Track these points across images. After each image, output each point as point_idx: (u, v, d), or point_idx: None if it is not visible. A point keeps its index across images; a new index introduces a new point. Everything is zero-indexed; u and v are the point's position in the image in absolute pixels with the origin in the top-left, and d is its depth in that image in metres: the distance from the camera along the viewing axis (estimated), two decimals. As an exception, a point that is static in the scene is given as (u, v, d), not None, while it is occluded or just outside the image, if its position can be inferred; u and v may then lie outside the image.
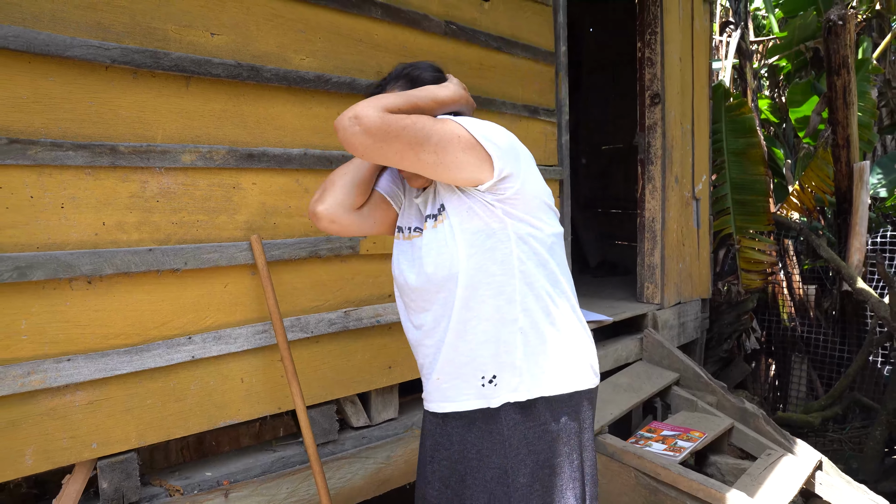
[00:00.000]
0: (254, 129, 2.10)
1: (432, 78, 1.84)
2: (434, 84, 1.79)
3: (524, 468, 1.74)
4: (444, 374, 1.77)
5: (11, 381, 1.67)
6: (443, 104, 1.74)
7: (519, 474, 1.73)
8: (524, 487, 1.73)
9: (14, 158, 1.65)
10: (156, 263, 1.89)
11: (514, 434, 1.73)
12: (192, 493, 2.03)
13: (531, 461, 1.74)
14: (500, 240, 1.69)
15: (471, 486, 1.75)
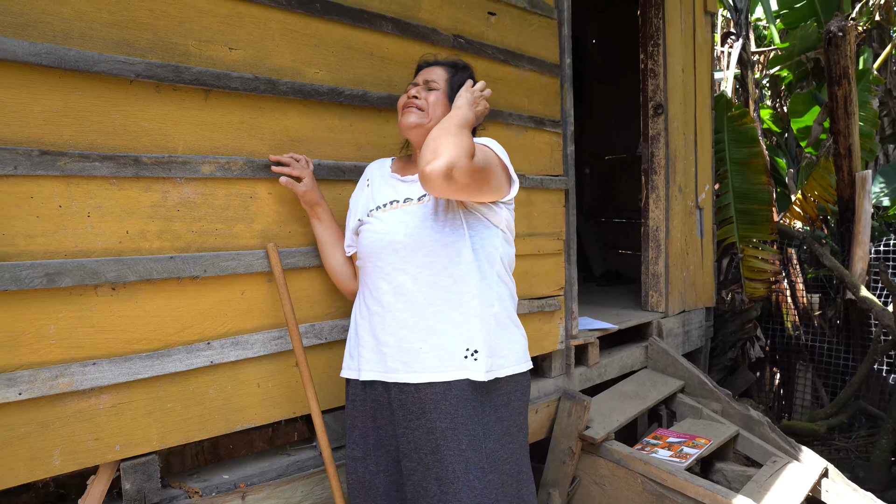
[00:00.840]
0: (270, 140, 2.17)
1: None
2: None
3: (493, 434, 1.99)
4: (428, 344, 1.96)
5: (41, 383, 1.73)
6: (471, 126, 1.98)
7: (489, 440, 1.97)
8: (494, 453, 1.96)
9: (45, 169, 1.71)
10: (176, 271, 1.95)
11: (486, 403, 1.99)
12: (211, 496, 2.08)
13: (499, 428, 2.01)
14: (493, 234, 2.04)
15: (446, 455, 1.92)
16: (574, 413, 3.15)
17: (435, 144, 1.76)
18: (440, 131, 1.81)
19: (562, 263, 3.30)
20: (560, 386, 3.34)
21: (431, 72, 2.16)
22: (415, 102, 2.10)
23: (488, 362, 1.95)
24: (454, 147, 1.74)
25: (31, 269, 1.70)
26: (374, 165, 2.29)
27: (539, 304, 3.12)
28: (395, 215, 2.05)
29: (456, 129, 1.82)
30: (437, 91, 2.12)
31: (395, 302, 2.00)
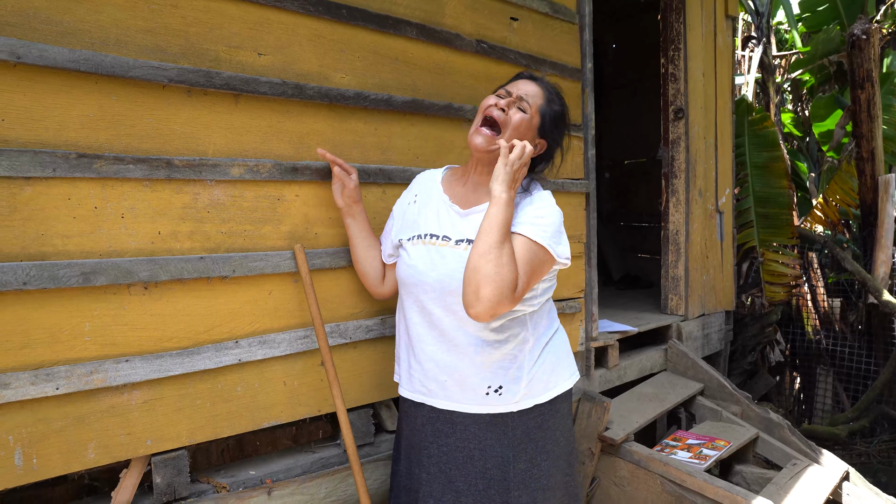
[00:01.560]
0: (297, 143, 2.22)
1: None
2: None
3: (524, 455, 2.04)
4: (453, 380, 2.03)
5: (77, 379, 1.78)
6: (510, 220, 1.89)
7: (519, 461, 2.03)
8: (522, 473, 2.01)
9: (81, 172, 1.77)
10: (206, 271, 2.00)
11: (517, 427, 2.03)
12: (238, 491, 2.13)
13: (531, 448, 2.04)
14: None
15: (469, 472, 2.02)
16: (594, 414, 3.17)
17: (476, 282, 1.76)
18: (480, 259, 1.77)
19: (582, 266, 3.32)
20: (580, 387, 3.36)
21: (529, 86, 2.05)
22: (496, 115, 1.97)
23: (516, 396, 2.02)
24: (496, 287, 1.74)
25: (69, 268, 1.76)
26: (424, 178, 2.24)
27: (560, 306, 3.14)
28: (434, 254, 2.01)
29: (496, 250, 1.77)
30: (525, 115, 1.99)
31: (425, 334, 2.06)
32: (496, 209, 1.84)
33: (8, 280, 1.67)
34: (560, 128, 2.12)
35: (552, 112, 2.06)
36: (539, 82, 2.08)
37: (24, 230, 1.72)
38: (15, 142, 1.69)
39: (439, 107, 2.59)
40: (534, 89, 2.04)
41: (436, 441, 2.07)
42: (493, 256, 1.77)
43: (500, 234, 1.80)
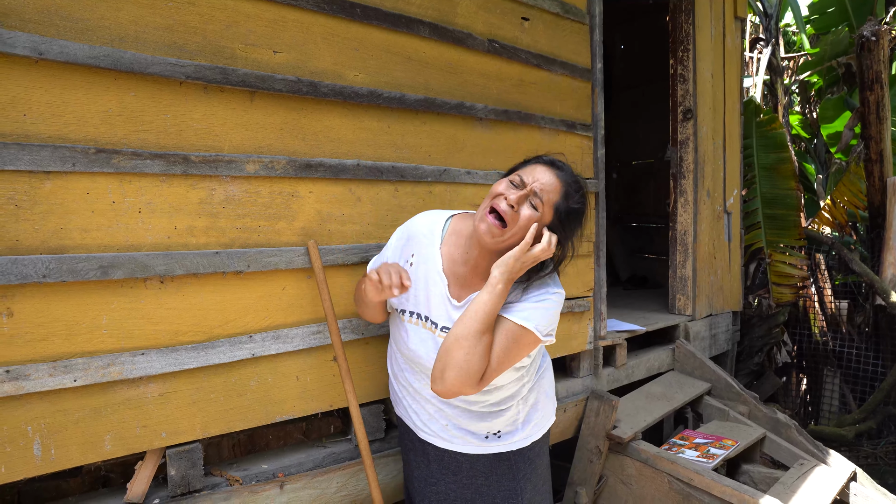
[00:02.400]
0: (311, 140, 2.24)
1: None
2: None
3: (530, 484, 2.17)
4: (452, 425, 2.11)
5: (94, 371, 1.81)
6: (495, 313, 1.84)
7: (526, 491, 2.16)
8: (529, 500, 2.14)
9: (100, 166, 1.79)
10: (221, 266, 2.03)
11: (520, 461, 2.14)
12: (251, 484, 2.15)
13: (535, 476, 2.18)
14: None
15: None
16: (602, 412, 3.18)
17: (444, 363, 1.78)
18: (454, 343, 1.77)
19: (591, 265, 3.34)
20: (588, 386, 3.38)
21: (544, 180, 1.83)
22: (503, 211, 1.81)
23: (515, 437, 2.13)
24: (460, 375, 1.76)
25: (87, 261, 1.78)
26: (421, 235, 2.04)
27: (568, 305, 3.16)
28: (431, 343, 2.00)
29: (474, 339, 1.76)
30: (535, 213, 1.82)
31: (422, 389, 2.11)
32: (487, 296, 1.80)
33: (28, 273, 1.69)
34: (574, 226, 1.93)
35: (568, 209, 1.87)
36: (558, 171, 1.88)
37: (45, 224, 1.74)
38: (36, 136, 1.72)
39: (451, 105, 2.61)
40: (551, 180, 1.84)
41: (444, 479, 2.16)
42: (467, 344, 1.77)
43: (483, 324, 1.78)
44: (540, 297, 1.90)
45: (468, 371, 1.76)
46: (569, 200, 1.86)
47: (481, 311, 1.79)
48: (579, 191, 1.90)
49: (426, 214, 2.09)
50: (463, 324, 1.79)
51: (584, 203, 1.92)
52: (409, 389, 2.14)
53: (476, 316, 1.78)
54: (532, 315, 1.86)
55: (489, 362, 1.81)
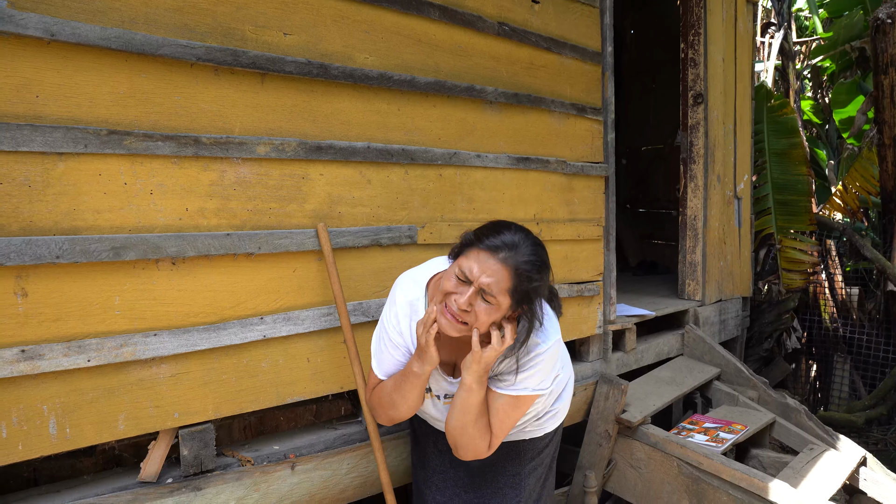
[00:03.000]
0: (322, 123, 2.24)
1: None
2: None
3: (535, 473, 2.23)
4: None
5: (107, 352, 1.82)
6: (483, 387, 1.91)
7: (530, 478, 2.21)
8: (532, 489, 2.20)
9: (112, 148, 1.80)
10: (232, 247, 2.04)
11: (528, 448, 2.20)
12: (262, 464, 2.17)
13: (540, 466, 2.24)
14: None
15: (485, 493, 2.18)
16: (611, 397, 3.19)
17: (454, 443, 1.95)
18: (454, 431, 1.92)
19: (601, 249, 3.34)
20: (597, 370, 3.38)
21: (490, 270, 1.70)
22: (460, 317, 1.75)
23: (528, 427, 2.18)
24: (471, 453, 1.94)
25: (99, 242, 1.80)
26: (404, 316, 1.97)
27: (578, 289, 3.16)
28: (430, 403, 2.10)
29: (471, 428, 1.89)
30: (490, 306, 1.73)
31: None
32: (467, 395, 1.86)
33: (42, 253, 1.71)
34: (540, 294, 1.82)
35: (527, 290, 1.76)
36: (503, 255, 1.72)
37: (58, 205, 1.75)
38: (48, 118, 1.72)
39: (461, 88, 2.60)
40: (496, 271, 1.70)
41: (453, 467, 2.22)
42: (468, 432, 1.90)
43: (474, 415, 1.88)
44: (530, 363, 1.89)
45: (476, 448, 1.93)
46: (522, 283, 1.74)
47: (468, 405, 1.88)
48: (535, 268, 1.76)
49: (405, 290, 2.00)
50: (454, 417, 1.91)
51: (543, 277, 1.79)
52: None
53: (465, 410, 1.88)
54: (527, 382, 1.91)
55: (493, 431, 1.94)
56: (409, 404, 1.95)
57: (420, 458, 2.32)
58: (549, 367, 1.93)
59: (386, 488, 2.20)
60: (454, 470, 2.22)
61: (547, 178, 3.00)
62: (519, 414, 1.97)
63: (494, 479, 2.18)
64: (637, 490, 3.19)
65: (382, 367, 2.03)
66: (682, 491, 3.04)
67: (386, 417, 2.03)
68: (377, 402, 2.04)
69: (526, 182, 2.89)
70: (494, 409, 1.92)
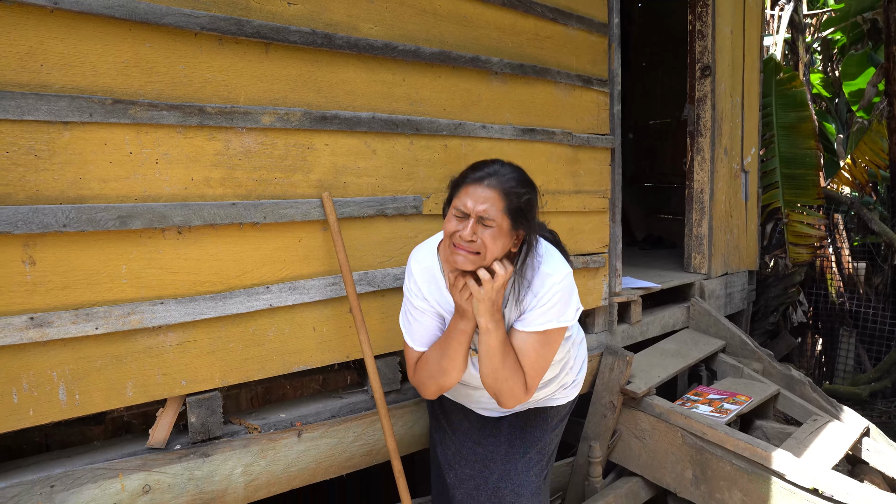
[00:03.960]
0: (326, 93, 2.24)
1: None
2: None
3: (556, 439, 2.31)
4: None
5: (115, 319, 1.84)
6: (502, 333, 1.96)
7: (552, 444, 2.29)
8: (552, 453, 2.27)
9: (117, 117, 1.81)
10: (238, 217, 2.05)
11: (553, 416, 2.29)
12: (269, 432, 2.20)
13: (560, 433, 2.33)
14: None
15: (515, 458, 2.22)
16: (616, 368, 3.20)
17: (495, 394, 1.98)
18: (488, 379, 1.96)
19: (606, 221, 3.33)
20: (603, 342, 3.40)
21: (481, 198, 1.84)
22: (468, 248, 1.84)
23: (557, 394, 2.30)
24: (510, 396, 1.96)
25: (106, 211, 1.81)
26: (425, 279, 2.06)
27: (584, 261, 3.16)
28: (475, 363, 2.11)
29: (500, 370, 1.93)
30: (492, 229, 1.84)
31: (471, 381, 2.19)
32: (487, 338, 1.92)
33: (49, 222, 1.72)
34: (532, 209, 1.94)
35: (518, 205, 1.88)
36: (491, 181, 1.86)
37: (64, 174, 1.76)
38: (53, 87, 1.73)
39: (466, 59, 2.59)
40: (488, 197, 1.84)
41: (483, 440, 2.27)
42: (500, 375, 1.94)
43: (499, 356, 1.93)
44: (547, 295, 1.96)
45: (513, 390, 1.96)
46: (513, 199, 1.86)
47: (491, 349, 1.93)
48: (520, 183, 1.90)
49: (419, 259, 2.09)
50: (484, 364, 1.95)
51: (530, 191, 1.92)
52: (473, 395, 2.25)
53: (490, 354, 1.93)
54: (548, 315, 1.96)
55: (527, 371, 1.97)
56: (458, 367, 2.01)
57: (445, 434, 2.34)
58: (566, 297, 1.99)
59: (393, 455, 2.22)
60: (485, 440, 2.26)
61: (552, 149, 2.99)
62: (549, 352, 1.99)
63: (523, 446, 2.22)
64: (641, 460, 3.22)
65: (416, 338, 2.09)
66: (686, 461, 3.06)
67: (435, 387, 2.05)
68: (426, 374, 2.05)
69: (531, 153, 2.89)
70: (525, 349, 1.96)
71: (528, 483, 2.19)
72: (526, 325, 1.97)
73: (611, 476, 3.33)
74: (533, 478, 2.21)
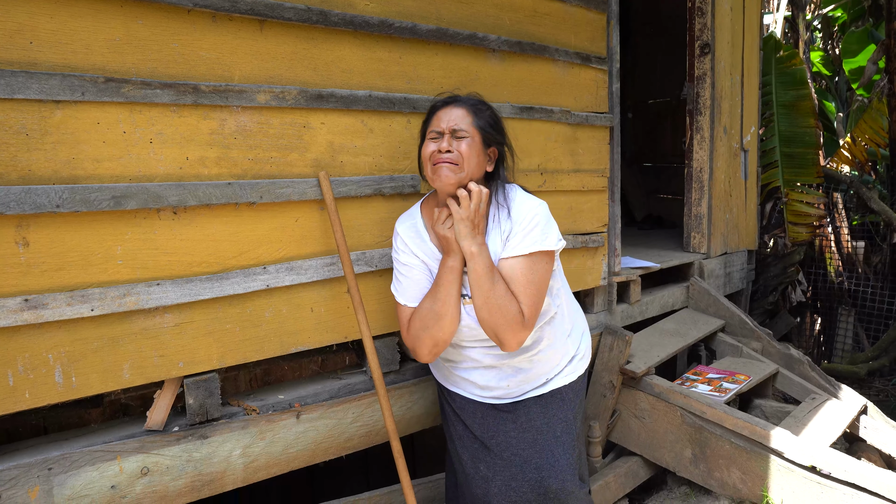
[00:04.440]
0: (322, 71, 2.21)
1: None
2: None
3: (580, 414, 2.30)
4: (512, 385, 2.22)
5: (111, 301, 1.83)
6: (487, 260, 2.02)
7: (577, 420, 2.27)
8: (579, 431, 2.25)
9: (109, 96, 1.78)
10: (234, 196, 2.02)
11: (569, 393, 2.27)
12: (268, 413, 2.19)
13: (580, 408, 2.30)
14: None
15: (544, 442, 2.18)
16: (616, 347, 3.19)
17: (492, 331, 1.99)
18: (482, 311, 1.97)
19: (605, 200, 3.31)
20: (602, 321, 3.39)
21: (451, 116, 2.06)
22: (447, 158, 2.01)
23: (566, 370, 2.28)
24: (507, 328, 1.96)
25: (100, 191, 1.78)
26: (411, 236, 2.18)
27: (583, 240, 3.15)
28: (470, 312, 2.10)
29: (491, 298, 1.95)
30: (468, 139, 2.04)
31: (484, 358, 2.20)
32: (473, 264, 1.98)
33: (42, 202, 1.70)
34: (499, 126, 2.14)
35: (486, 120, 2.09)
36: (458, 102, 2.10)
37: (56, 153, 1.74)
38: (44, 64, 1.70)
39: (464, 36, 2.56)
40: (458, 113, 2.06)
41: (503, 429, 2.23)
42: (491, 305, 1.96)
43: (488, 281, 1.97)
44: (525, 218, 2.05)
45: (509, 319, 1.96)
46: (480, 114, 2.08)
47: (479, 275, 1.97)
48: (481, 102, 2.14)
49: (402, 220, 2.24)
50: (475, 295, 1.98)
51: (490, 106, 2.15)
52: (473, 363, 2.22)
53: (478, 281, 1.97)
54: (530, 237, 2.03)
55: (520, 298, 1.99)
56: (452, 312, 2.04)
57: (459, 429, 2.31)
58: (545, 222, 2.07)
59: (392, 435, 2.21)
60: (503, 426, 2.23)
61: (551, 127, 2.96)
62: (539, 278, 2.03)
63: (549, 427, 2.19)
64: (641, 439, 3.22)
65: (407, 294, 2.15)
66: (686, 440, 3.06)
67: (430, 340, 2.08)
68: (420, 325, 2.08)
69: (529, 132, 2.86)
70: (515, 276, 2.01)
71: (568, 464, 2.14)
72: (510, 250, 2.03)
73: (610, 456, 3.34)
74: (568, 457, 2.16)
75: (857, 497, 2.63)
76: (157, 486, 1.99)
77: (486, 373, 2.20)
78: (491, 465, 2.20)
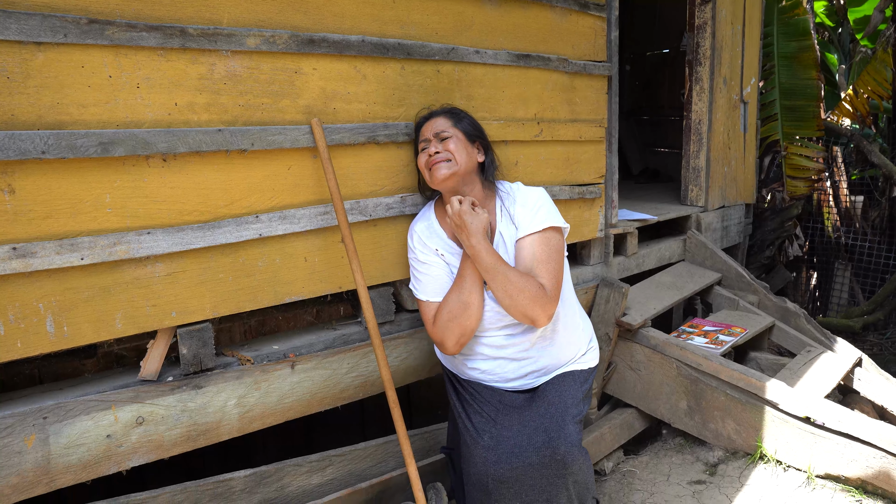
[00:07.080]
0: (314, 14, 2.14)
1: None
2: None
3: (586, 400, 2.34)
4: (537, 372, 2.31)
5: (100, 250, 1.80)
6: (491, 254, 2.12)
7: (585, 402, 2.32)
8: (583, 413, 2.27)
9: (93, 38, 1.72)
10: (224, 143, 1.98)
11: (581, 377, 2.35)
12: (262, 364, 2.18)
13: (588, 398, 2.36)
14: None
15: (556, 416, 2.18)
16: (612, 300, 3.19)
17: (521, 313, 2.09)
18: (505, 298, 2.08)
19: (603, 151, 3.27)
20: (598, 273, 3.37)
21: (434, 125, 2.26)
22: (438, 157, 2.20)
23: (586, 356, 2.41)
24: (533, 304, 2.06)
25: (86, 137, 1.74)
26: (427, 235, 2.30)
27: (580, 191, 3.11)
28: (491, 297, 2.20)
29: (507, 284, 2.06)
30: (452, 137, 2.23)
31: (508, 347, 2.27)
32: (480, 256, 2.09)
33: (27, 148, 1.65)
34: (478, 126, 2.35)
35: (465, 121, 2.30)
36: (437, 114, 2.30)
37: (39, 98, 1.69)
38: (23, 4, 1.64)
39: (459, -21, 2.49)
40: (440, 120, 2.27)
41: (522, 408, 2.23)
42: (511, 290, 2.06)
43: (502, 267, 2.08)
44: (530, 200, 2.25)
45: (534, 297, 2.06)
46: (459, 118, 2.30)
47: (491, 265, 2.08)
48: (453, 108, 2.38)
49: (417, 221, 2.38)
50: (496, 285, 2.08)
51: (462, 110, 2.38)
52: (497, 353, 2.26)
53: (493, 270, 2.08)
54: (539, 215, 2.21)
55: (542, 275, 2.12)
56: (477, 300, 2.15)
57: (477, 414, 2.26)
58: (549, 203, 2.27)
59: (387, 385, 2.21)
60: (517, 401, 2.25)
61: (548, 76, 2.90)
62: (555, 252, 2.18)
63: (560, 400, 2.21)
64: (636, 391, 3.24)
65: (429, 289, 2.26)
66: (681, 392, 3.08)
67: (458, 329, 2.16)
68: (448, 316, 2.16)
69: (526, 80, 2.80)
70: (531, 253, 2.16)
71: (576, 431, 2.14)
72: (524, 229, 2.19)
73: (606, 408, 3.35)
74: (576, 426, 2.16)
75: (850, 446, 2.65)
76: (152, 436, 1.98)
77: (506, 364, 2.27)
78: (497, 433, 2.16)
